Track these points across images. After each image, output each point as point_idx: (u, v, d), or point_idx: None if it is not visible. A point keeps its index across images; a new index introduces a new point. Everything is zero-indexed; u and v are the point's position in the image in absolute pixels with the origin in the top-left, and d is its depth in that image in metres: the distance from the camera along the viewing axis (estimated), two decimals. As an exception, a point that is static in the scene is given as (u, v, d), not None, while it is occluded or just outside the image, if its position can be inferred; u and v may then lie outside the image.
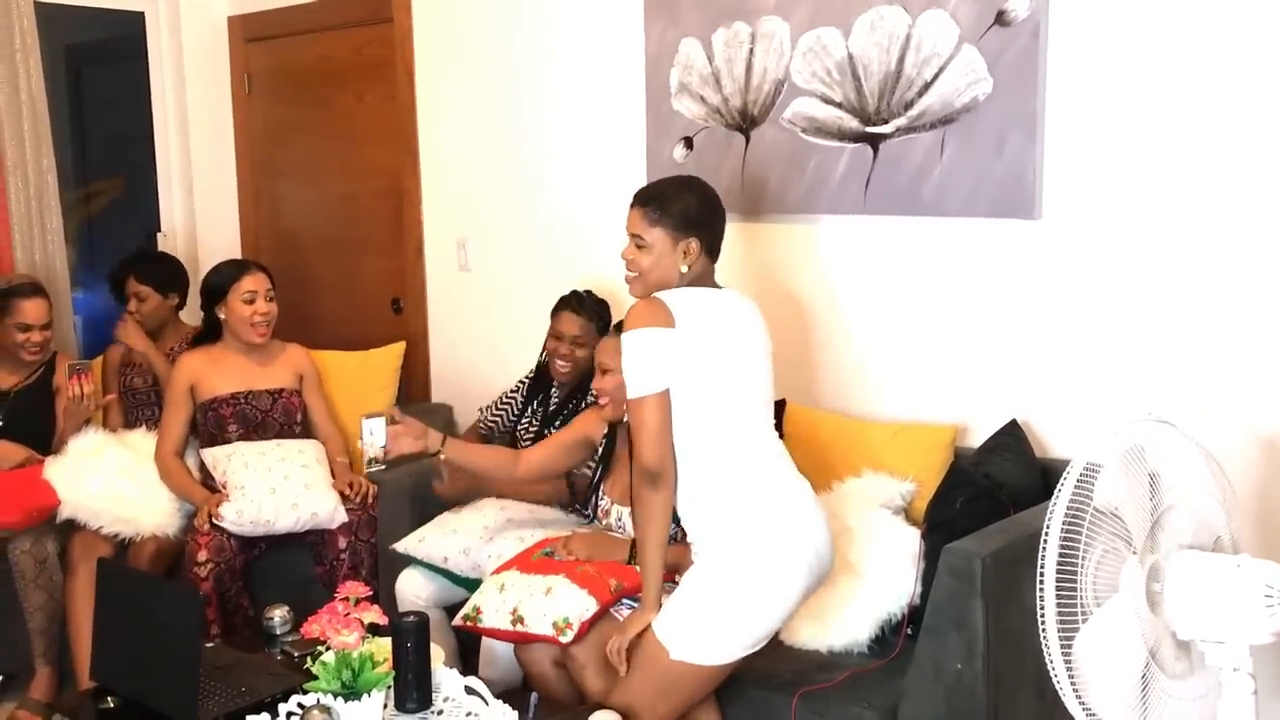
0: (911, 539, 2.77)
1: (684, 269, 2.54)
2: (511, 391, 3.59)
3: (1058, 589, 1.88)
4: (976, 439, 3.05)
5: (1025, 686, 2.46)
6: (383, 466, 2.69)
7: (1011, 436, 2.93)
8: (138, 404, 3.95)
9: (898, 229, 3.20)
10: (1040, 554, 1.81)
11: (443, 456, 2.74)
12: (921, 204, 3.12)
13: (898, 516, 2.87)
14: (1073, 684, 1.83)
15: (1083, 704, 1.83)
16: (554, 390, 3.45)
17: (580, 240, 3.88)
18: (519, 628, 2.74)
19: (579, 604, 2.67)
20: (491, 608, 2.80)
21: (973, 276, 3.10)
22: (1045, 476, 2.84)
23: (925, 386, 3.19)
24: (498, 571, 2.93)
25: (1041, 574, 1.79)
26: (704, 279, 2.56)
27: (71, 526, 3.56)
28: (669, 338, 2.42)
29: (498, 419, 3.57)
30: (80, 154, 6.03)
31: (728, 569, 2.44)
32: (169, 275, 4.01)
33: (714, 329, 2.49)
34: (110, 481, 3.58)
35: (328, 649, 2.38)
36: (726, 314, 2.53)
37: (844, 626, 2.75)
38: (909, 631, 2.71)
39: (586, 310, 3.39)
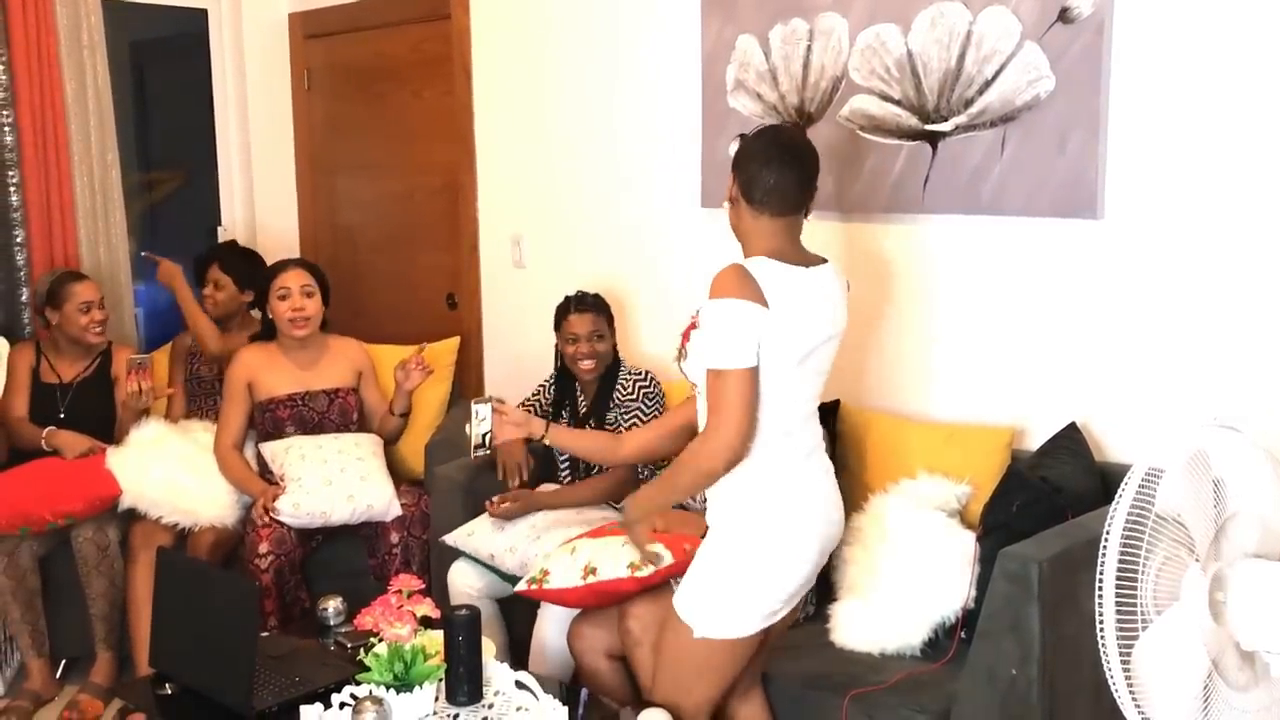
0: (966, 542, 2.74)
1: (726, 205, 2.43)
2: (530, 398, 3.55)
3: (1117, 596, 1.85)
4: (1034, 441, 3.01)
5: (1081, 693, 2.42)
6: (487, 451, 2.71)
7: (1070, 439, 2.89)
8: (202, 393, 4.02)
9: (956, 228, 3.16)
10: (1100, 560, 1.78)
11: (547, 441, 2.74)
12: (981, 203, 3.08)
13: (953, 519, 2.84)
14: (1132, 693, 1.80)
15: (1142, 714, 1.79)
16: (579, 393, 3.45)
17: (636, 237, 3.88)
18: (590, 579, 2.73)
19: (656, 551, 2.68)
20: (561, 568, 2.80)
21: (1033, 277, 3.05)
22: (1104, 481, 2.79)
23: (982, 388, 3.15)
24: (567, 542, 2.94)
25: (1101, 580, 1.76)
26: (776, 236, 2.36)
27: (132, 515, 3.63)
28: (762, 316, 2.26)
29: None
30: (143, 150, 6.13)
31: (740, 539, 2.37)
32: (251, 271, 4.04)
33: (803, 312, 2.32)
34: (171, 472, 3.63)
35: (380, 641, 2.40)
36: (816, 296, 2.35)
37: (897, 629, 2.72)
38: (963, 635, 2.67)
39: (590, 305, 3.41)
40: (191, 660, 2.54)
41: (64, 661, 3.73)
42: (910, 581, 2.75)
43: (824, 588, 2.88)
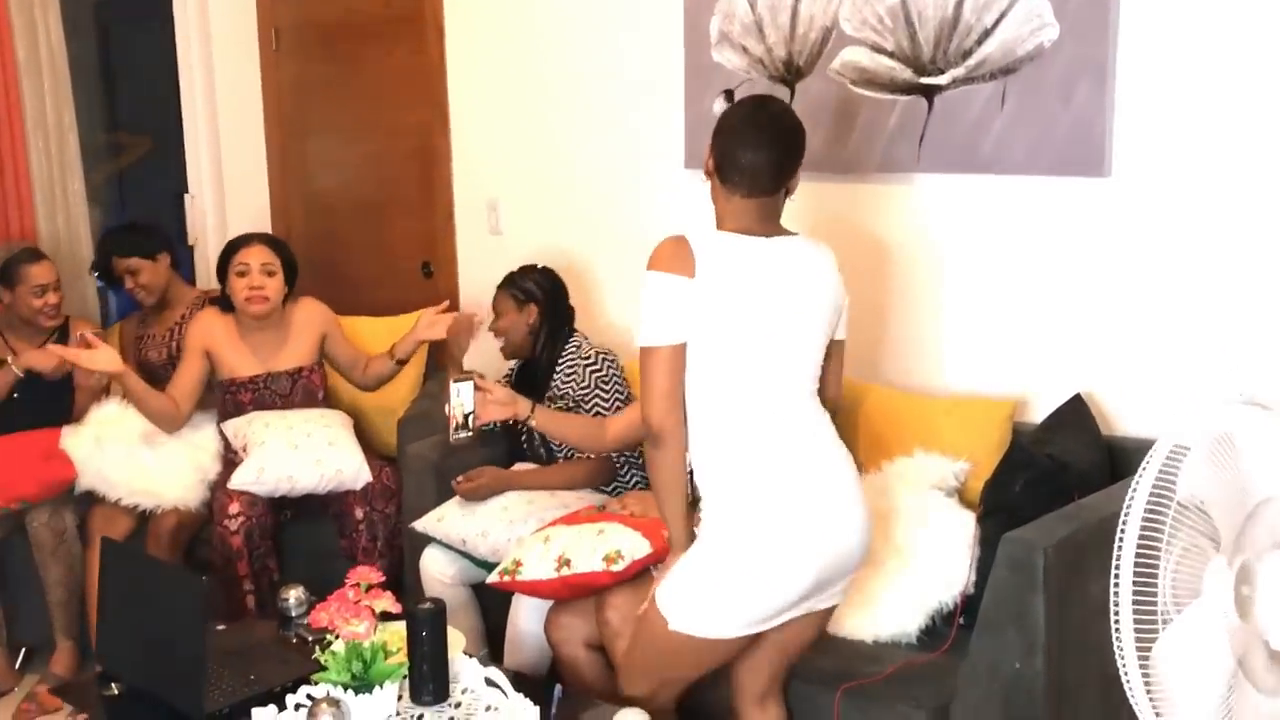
0: (966, 523, 2.58)
1: (731, 200, 2.26)
2: (504, 378, 3.37)
3: (1133, 590, 1.68)
4: (1037, 414, 2.84)
5: (1089, 687, 2.27)
6: (469, 434, 2.53)
7: (1076, 412, 2.72)
8: (153, 380, 3.79)
9: (954, 188, 2.99)
10: (1115, 554, 1.61)
11: (533, 424, 2.61)
12: (980, 161, 2.91)
13: (950, 499, 2.68)
14: (1149, 696, 1.63)
15: (1160, 718, 1.63)
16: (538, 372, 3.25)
17: (617, 200, 3.70)
18: (564, 571, 2.60)
19: (633, 541, 2.55)
20: (534, 558, 2.67)
21: (1035, 239, 2.88)
22: (1112, 456, 2.64)
23: (982, 357, 2.98)
24: (540, 530, 2.78)
25: (1117, 576, 1.59)
26: (745, 216, 2.24)
27: (91, 498, 3.47)
28: (686, 289, 2.18)
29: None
30: (110, 113, 5.93)
31: (729, 542, 2.23)
32: (146, 236, 3.79)
33: (742, 282, 2.20)
34: (130, 452, 3.47)
35: (337, 638, 2.24)
36: (766, 266, 2.22)
37: (892, 615, 2.57)
38: (961, 621, 2.52)
39: (507, 282, 3.28)
40: (139, 659, 2.39)
41: (23, 650, 3.57)
42: (906, 565, 2.59)
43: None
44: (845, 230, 3.17)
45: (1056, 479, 2.46)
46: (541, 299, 3.23)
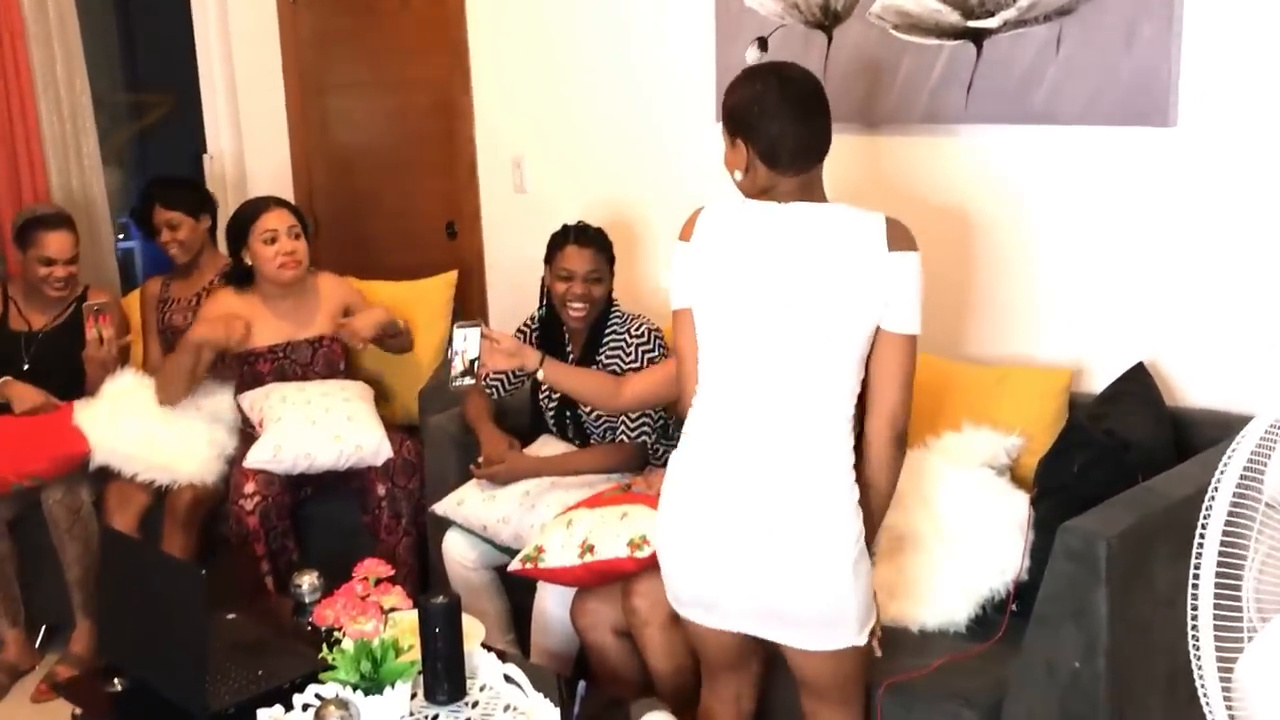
0: (1019, 505, 2.40)
1: (737, 175, 2.10)
2: (517, 333, 3.18)
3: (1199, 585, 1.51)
4: (1095, 384, 2.65)
5: (1155, 686, 2.10)
6: (470, 380, 2.39)
7: (1138, 383, 2.53)
8: (178, 344, 3.70)
9: (1005, 140, 2.78)
10: (1193, 559, 1.44)
11: (540, 376, 2.44)
12: (1033, 111, 2.70)
13: (1002, 477, 2.49)
14: (1231, 717, 1.46)
15: (1243, 745, 1.46)
16: (568, 342, 3.05)
17: (646, 156, 3.51)
18: (588, 558, 2.47)
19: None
20: (556, 544, 2.54)
21: (1094, 195, 2.67)
22: (1177, 431, 2.44)
23: (1036, 323, 2.78)
24: (562, 514, 2.65)
25: (1195, 586, 1.42)
26: (774, 192, 2.07)
27: (107, 474, 3.37)
28: (684, 253, 2.12)
29: (500, 379, 3.11)
30: (131, 70, 5.80)
31: (660, 508, 2.15)
32: (196, 196, 3.71)
33: (725, 249, 2.06)
34: (145, 426, 3.36)
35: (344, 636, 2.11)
36: (765, 230, 2.03)
37: (938, 603, 2.40)
38: (1014, 609, 2.35)
39: (592, 240, 2.98)
40: (142, 653, 2.28)
41: (43, 629, 3.50)
42: (954, 549, 2.42)
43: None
44: (885, 186, 2.97)
45: (1118, 458, 2.28)
46: (614, 259, 3.03)
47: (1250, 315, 2.48)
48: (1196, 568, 1.42)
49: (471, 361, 2.38)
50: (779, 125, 2.03)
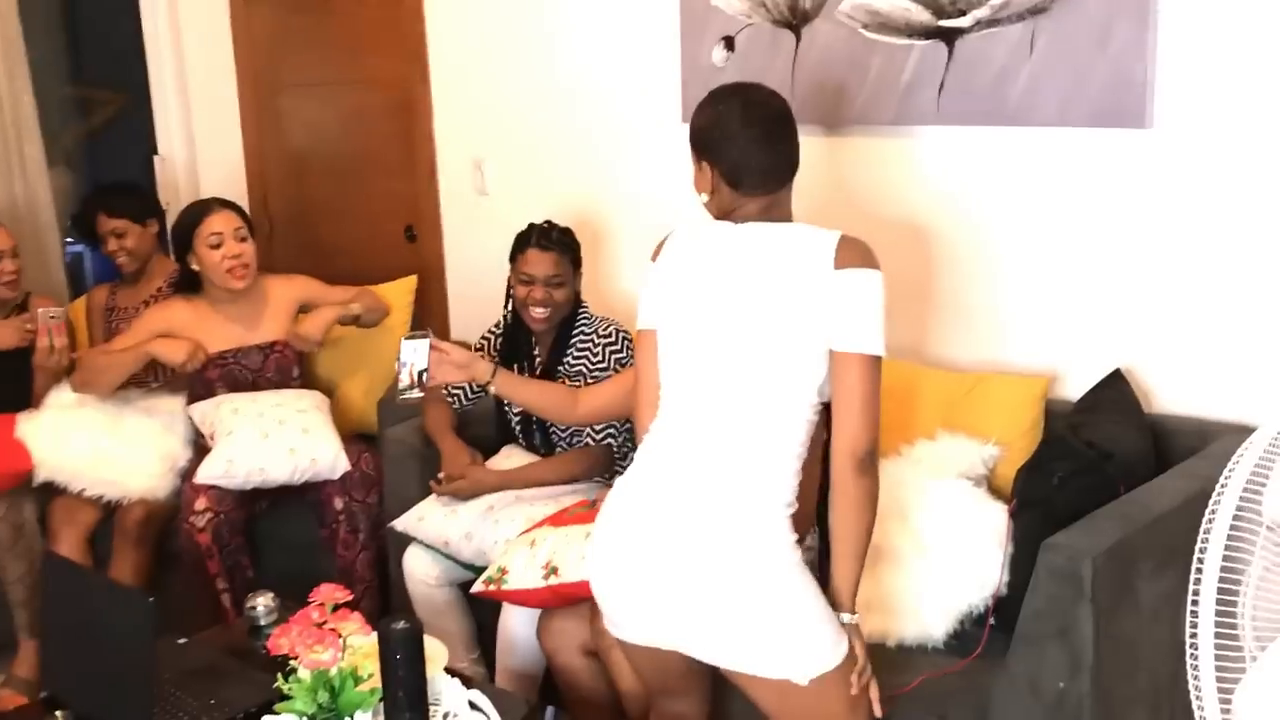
0: (997, 516, 2.34)
1: (703, 198, 2.07)
2: (476, 349, 3.06)
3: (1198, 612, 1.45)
4: (1072, 391, 2.60)
5: (1138, 704, 2.05)
6: (418, 394, 2.33)
7: (1115, 390, 2.48)
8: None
9: (977, 142, 2.72)
10: (1191, 584, 1.37)
11: (492, 390, 2.35)
12: (1006, 112, 2.64)
13: (979, 488, 2.43)
14: (1229, 750, 1.41)
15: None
16: (534, 345, 2.96)
17: (610, 157, 3.44)
18: (552, 580, 2.39)
19: None
20: (520, 565, 2.45)
21: (1068, 198, 2.62)
22: (1157, 440, 2.39)
23: (1010, 329, 2.73)
24: (526, 532, 2.57)
25: (1194, 612, 1.35)
26: (738, 213, 2.04)
27: (52, 490, 3.24)
28: (650, 273, 2.11)
29: (461, 389, 3.02)
30: (79, 69, 5.64)
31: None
32: (141, 201, 3.60)
33: (679, 269, 2.05)
34: (93, 439, 3.25)
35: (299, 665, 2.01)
36: (720, 249, 2.01)
37: (915, 618, 2.33)
38: (993, 623, 2.29)
39: (555, 242, 2.89)
40: (87, 684, 2.16)
41: (-14, 652, 3.37)
42: (931, 562, 2.35)
43: (828, 567, 2.47)
44: (855, 189, 2.91)
45: (1099, 469, 2.22)
46: (581, 261, 2.95)
47: (1228, 321, 2.44)
48: (1195, 594, 1.36)
49: (420, 373, 2.31)
50: (741, 147, 2.01)
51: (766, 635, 1.92)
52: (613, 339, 2.86)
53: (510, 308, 3.00)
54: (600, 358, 2.84)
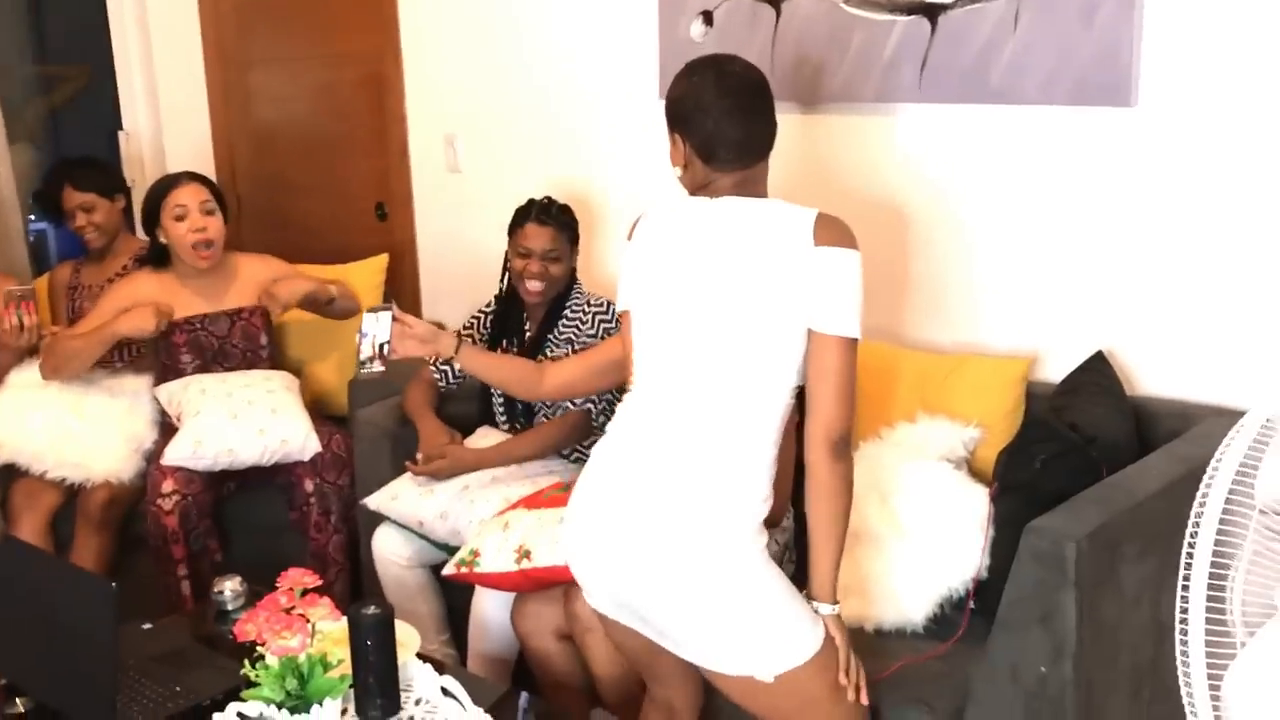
0: (978, 499, 2.31)
1: (678, 172, 2.04)
2: (466, 326, 3.05)
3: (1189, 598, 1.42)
4: (1053, 373, 2.57)
5: (1119, 688, 2.03)
6: (380, 367, 2.27)
7: (1098, 372, 2.45)
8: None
9: (960, 120, 2.68)
10: (1181, 569, 1.34)
11: (457, 364, 2.31)
12: (989, 89, 2.60)
13: (960, 470, 2.40)
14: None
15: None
16: (526, 321, 2.93)
17: (586, 133, 3.38)
18: (525, 564, 2.34)
19: None
20: (492, 548, 2.40)
21: (1051, 177, 2.58)
22: (1139, 422, 2.37)
23: (991, 310, 2.69)
24: (500, 514, 2.53)
25: (1185, 598, 1.32)
26: (711, 188, 2.00)
27: (12, 472, 3.17)
28: (626, 253, 2.08)
29: (447, 367, 2.98)
30: (41, 42, 5.52)
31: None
32: (107, 175, 3.53)
33: (653, 243, 2.03)
34: (56, 420, 3.18)
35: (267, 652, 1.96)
36: (691, 224, 1.98)
37: (895, 602, 2.30)
38: (973, 607, 2.26)
39: (554, 218, 2.87)
40: (45, 672, 2.10)
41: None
42: (911, 546, 2.32)
43: (806, 551, 2.43)
44: (835, 167, 2.87)
45: (1083, 454, 2.19)
46: (578, 238, 2.92)
47: (1212, 303, 2.41)
48: (1185, 578, 1.33)
49: (381, 345, 2.25)
50: (714, 120, 1.97)
51: (727, 631, 1.89)
52: (604, 308, 2.86)
53: (506, 281, 2.95)
54: (590, 325, 2.84)
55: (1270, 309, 2.34)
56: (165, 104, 4.41)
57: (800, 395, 1.95)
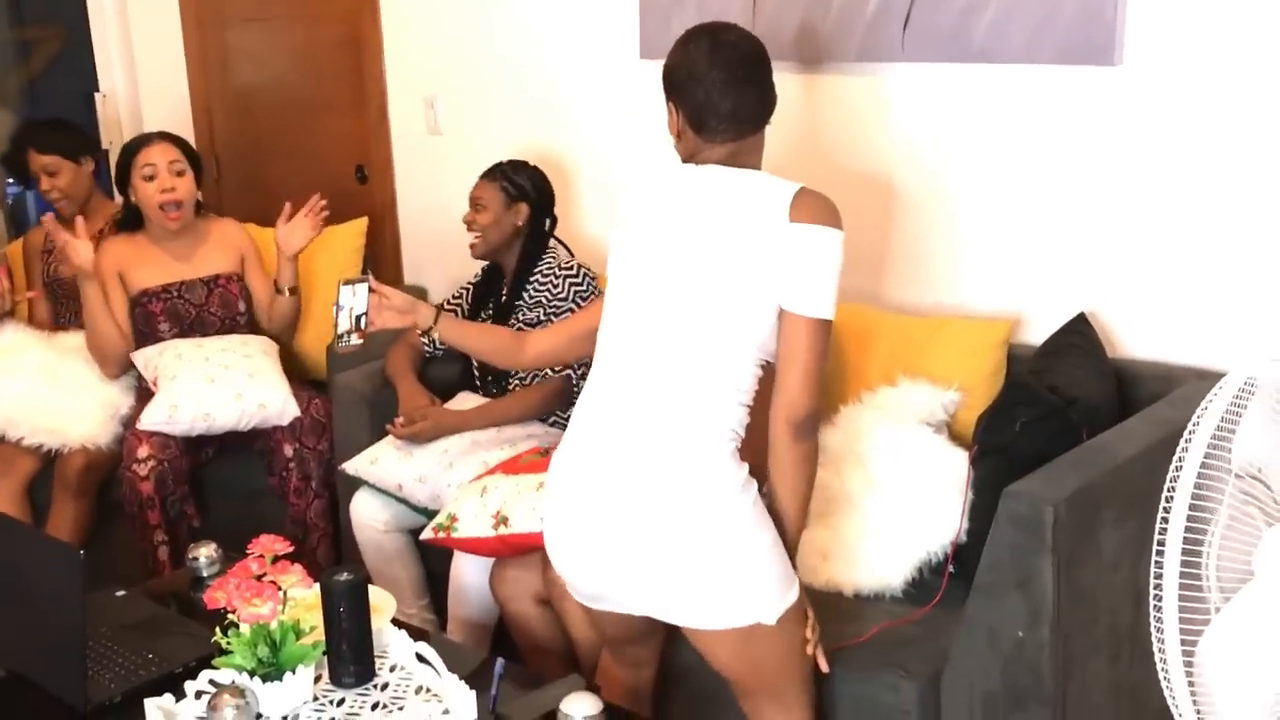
0: (957, 463, 2.30)
1: (673, 140, 2.02)
2: (455, 297, 3.04)
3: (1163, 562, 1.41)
4: (1035, 335, 2.55)
5: (1098, 651, 2.02)
6: (357, 341, 2.23)
7: (1079, 334, 2.43)
8: (66, 295, 3.44)
9: (942, 79, 2.65)
10: (1157, 532, 1.33)
11: (435, 336, 2.27)
12: (973, 48, 2.56)
13: (940, 434, 2.39)
14: (1194, 704, 1.37)
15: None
16: (504, 290, 2.92)
17: (567, 94, 3.34)
18: (502, 530, 2.34)
19: None
20: (469, 513, 2.39)
21: (1034, 137, 2.55)
22: (1120, 385, 2.35)
23: (973, 272, 2.67)
24: (478, 478, 2.51)
25: (1159, 562, 1.31)
26: (699, 157, 1.98)
27: (-12, 438, 3.14)
28: (614, 227, 2.05)
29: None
30: (15, 6, 5.43)
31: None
32: (73, 137, 3.45)
33: (638, 209, 2.01)
34: (31, 385, 3.15)
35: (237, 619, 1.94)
36: (674, 191, 1.96)
37: (873, 566, 2.29)
38: (952, 571, 2.25)
39: (491, 172, 2.91)
40: (16, 640, 2.08)
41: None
42: (890, 510, 2.31)
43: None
44: (815, 126, 2.83)
45: (1063, 417, 2.18)
46: (534, 200, 2.89)
47: (1195, 264, 2.39)
48: (1160, 543, 1.31)
49: (359, 318, 2.21)
50: (705, 90, 1.94)
51: (727, 587, 1.87)
52: (574, 272, 2.83)
53: None
54: (561, 289, 2.81)
55: (1254, 270, 2.32)
56: (142, 65, 4.35)
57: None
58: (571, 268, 2.84)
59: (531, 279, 2.84)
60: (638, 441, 1.90)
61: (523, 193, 2.87)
